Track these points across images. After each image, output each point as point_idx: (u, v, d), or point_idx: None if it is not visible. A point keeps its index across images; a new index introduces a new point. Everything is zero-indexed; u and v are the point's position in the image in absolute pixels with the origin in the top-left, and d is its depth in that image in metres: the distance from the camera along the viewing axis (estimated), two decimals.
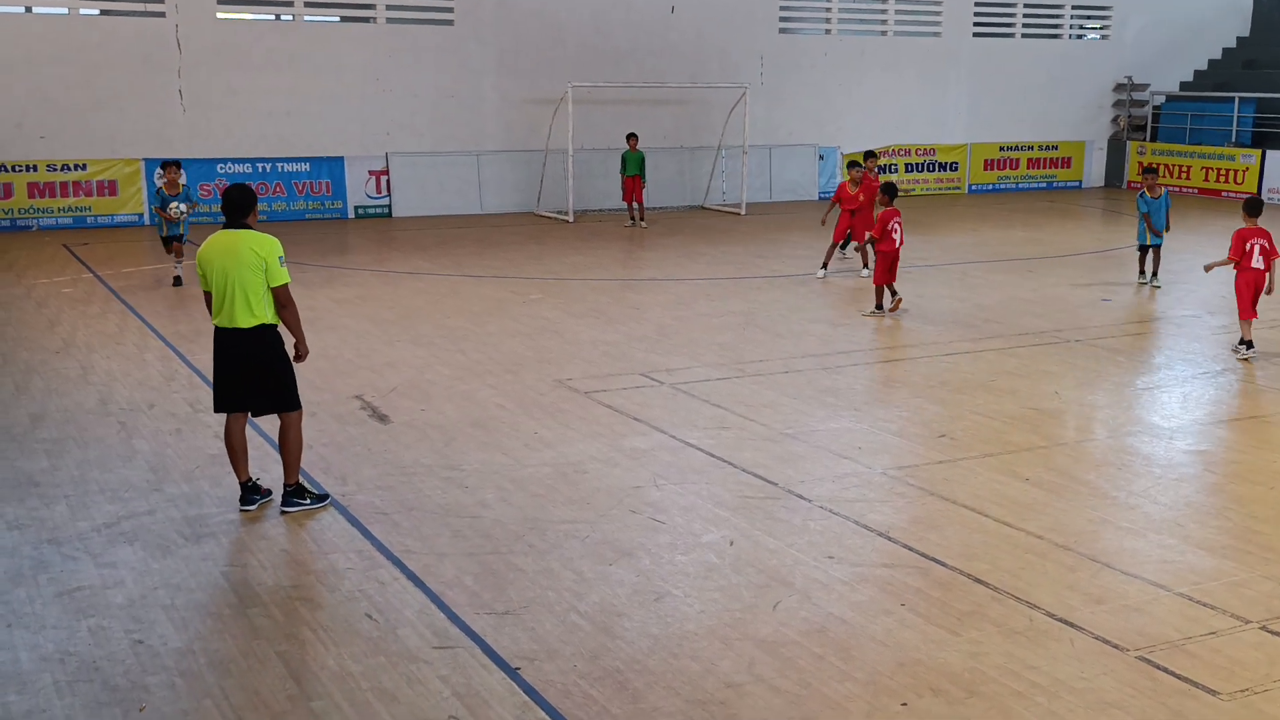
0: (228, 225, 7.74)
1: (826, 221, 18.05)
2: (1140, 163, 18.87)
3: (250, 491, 7.96)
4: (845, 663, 5.95)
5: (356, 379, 11.23)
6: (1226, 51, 31.81)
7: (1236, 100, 28.73)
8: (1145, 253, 16.91)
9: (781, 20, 26.89)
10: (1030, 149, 29.90)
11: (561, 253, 19.24)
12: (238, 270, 7.56)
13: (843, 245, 17.93)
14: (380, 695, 5.62)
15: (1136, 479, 8.75)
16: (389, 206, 23.74)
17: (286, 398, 7.87)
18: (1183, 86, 31.24)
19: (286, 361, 7.89)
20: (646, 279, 16.93)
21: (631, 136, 22.77)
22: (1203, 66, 31.63)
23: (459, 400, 10.56)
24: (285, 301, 7.73)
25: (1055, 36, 30.30)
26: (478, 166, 24.34)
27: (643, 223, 22.81)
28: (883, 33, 28.22)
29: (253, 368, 7.74)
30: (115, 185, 21.68)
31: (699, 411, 10.26)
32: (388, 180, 23.69)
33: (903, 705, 5.56)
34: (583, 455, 9.06)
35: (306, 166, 23.04)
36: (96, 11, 21.92)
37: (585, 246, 19.98)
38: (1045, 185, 30.25)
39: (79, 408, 10.30)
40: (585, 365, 11.84)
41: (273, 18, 23.28)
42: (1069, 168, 30.55)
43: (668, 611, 6.49)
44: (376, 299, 15.17)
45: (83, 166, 21.45)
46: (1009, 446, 9.41)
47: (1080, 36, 31.18)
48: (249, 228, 7.72)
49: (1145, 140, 30.46)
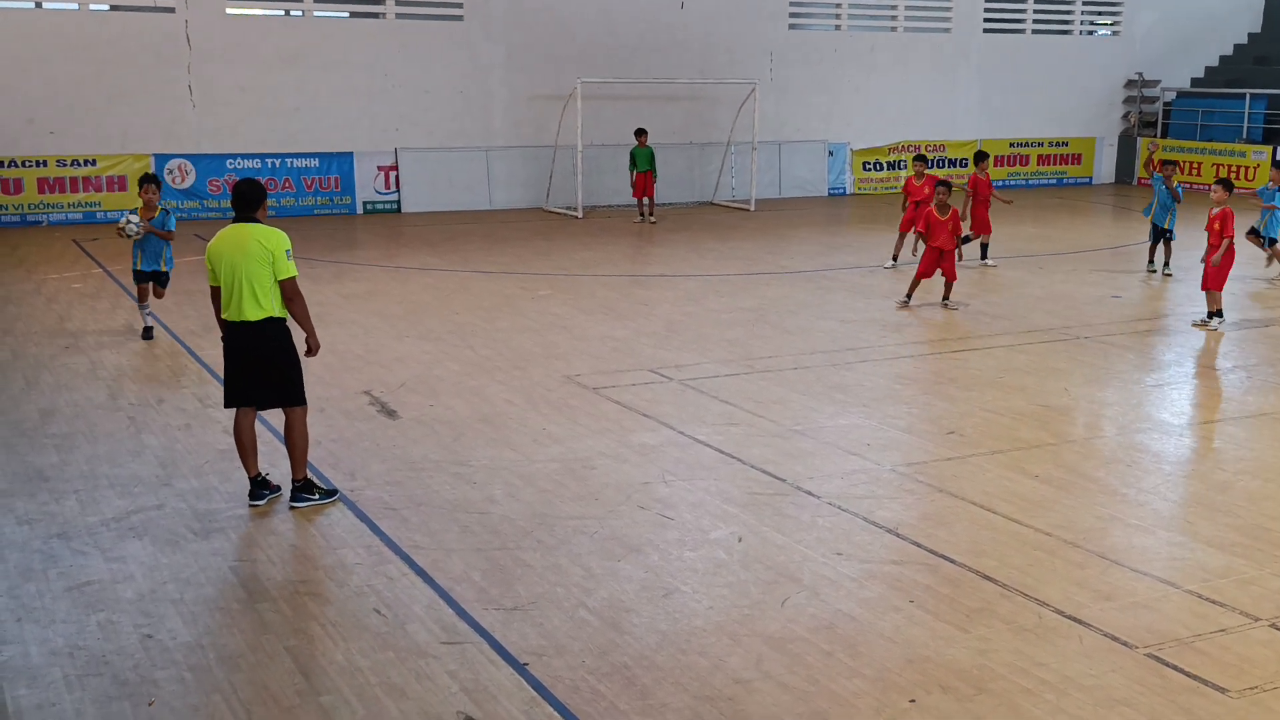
0: (236, 219, 7.76)
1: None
2: (1154, 159, 19.13)
3: (259, 486, 7.98)
4: (853, 659, 5.94)
5: (365, 374, 11.24)
6: (1238, 48, 31.69)
7: (1248, 97, 28.62)
8: (1157, 241, 17.22)
9: (791, 16, 26.85)
10: (1040, 145, 29.84)
11: (570, 248, 19.24)
12: (245, 264, 7.59)
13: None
14: (389, 690, 5.62)
15: (1146, 476, 8.73)
16: (398, 202, 23.76)
17: (291, 392, 7.89)
18: (1194, 83, 31.13)
19: (293, 356, 7.89)
20: (655, 275, 16.92)
21: (640, 132, 22.75)
22: (1214, 63, 31.53)
23: (467, 396, 10.57)
24: (292, 294, 7.74)
25: (1066, 33, 30.22)
26: (487, 162, 24.35)
27: (651, 218, 22.80)
28: (893, 28, 28.16)
29: (259, 361, 7.77)
30: (125, 181, 21.73)
31: (708, 407, 10.25)
32: (396, 176, 23.71)
33: (911, 702, 5.56)
34: (591, 451, 9.06)
35: (315, 162, 23.07)
36: (107, 7, 21.97)
37: (594, 242, 19.98)
38: (1055, 181, 30.17)
39: (88, 403, 10.32)
40: (594, 361, 11.84)
41: (282, 13, 23.32)
42: (1079, 164, 30.48)
43: (676, 607, 6.49)
44: (385, 294, 15.18)
45: (93, 162, 21.51)
46: (1018, 443, 9.39)
47: (1091, 33, 31.09)
48: (258, 221, 7.75)
49: (1156, 136, 30.37)
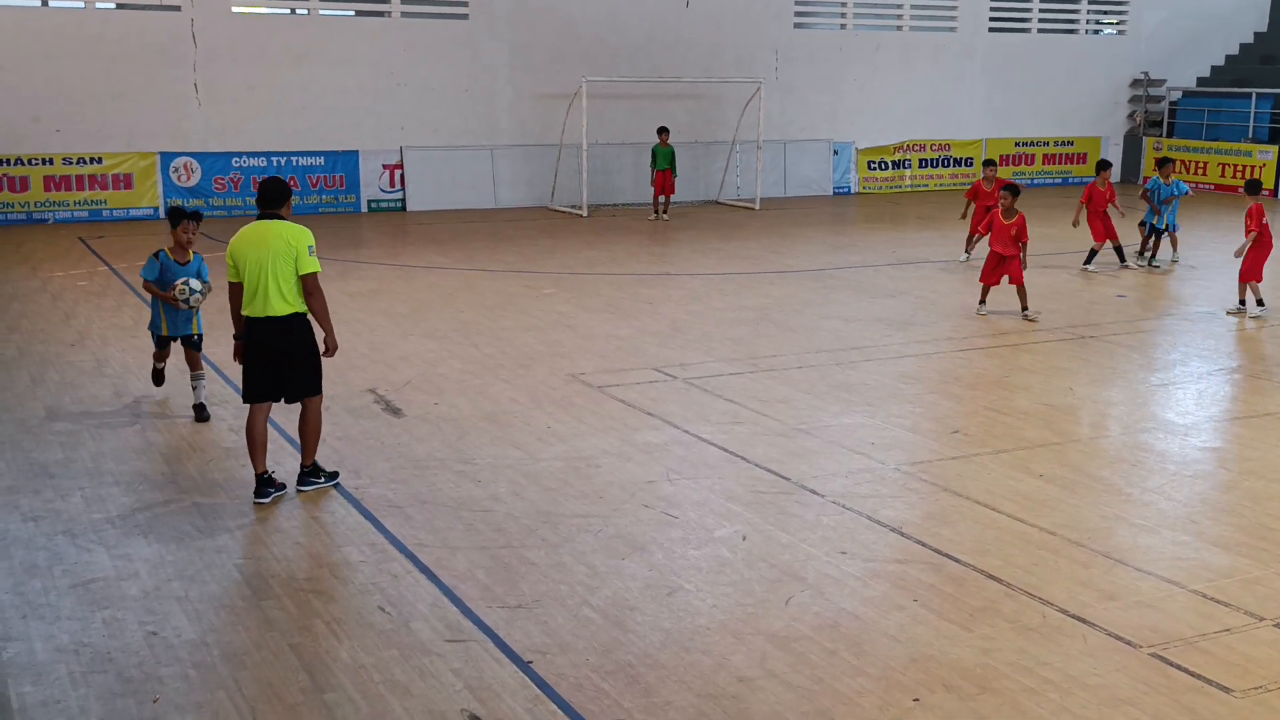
0: (260, 216, 7.89)
1: (967, 215, 18.34)
2: (1155, 158, 19.46)
3: (265, 484, 8.00)
4: (857, 658, 5.94)
5: (370, 373, 11.25)
6: (1244, 47, 31.63)
7: (1254, 96, 28.58)
8: (1153, 234, 17.89)
9: (796, 15, 26.83)
10: (1046, 144, 29.79)
11: (575, 247, 19.25)
12: (271, 260, 7.73)
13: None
14: (393, 688, 5.63)
15: (1150, 475, 8.72)
16: (403, 200, 23.77)
17: (314, 382, 8.06)
18: (1199, 82, 31.08)
19: (314, 349, 8.04)
20: (660, 274, 16.92)
21: (662, 131, 22.71)
22: (1220, 62, 31.47)
23: (472, 394, 10.58)
24: (312, 289, 7.88)
25: (1071, 32, 30.18)
26: (492, 161, 24.36)
27: (665, 216, 22.81)
28: (898, 27, 28.14)
29: (283, 356, 7.89)
30: (131, 179, 21.76)
31: (712, 406, 10.25)
32: (401, 174, 23.72)
33: (915, 701, 5.56)
34: (595, 450, 9.07)
35: (321, 160, 23.09)
36: (113, 5, 21.99)
37: (599, 241, 19.98)
38: (1060, 181, 30.13)
39: (94, 400, 10.34)
40: (598, 360, 11.85)
41: (288, 12, 23.34)
42: (1084, 163, 30.42)
43: (680, 606, 6.50)
44: (390, 293, 15.20)
45: (99, 160, 21.53)
46: (1022, 443, 9.39)
47: (1096, 32, 31.05)
48: (281, 218, 7.89)
49: (1161, 136, 30.32)
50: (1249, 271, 14.25)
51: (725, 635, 6.16)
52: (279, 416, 8.94)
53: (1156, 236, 18.02)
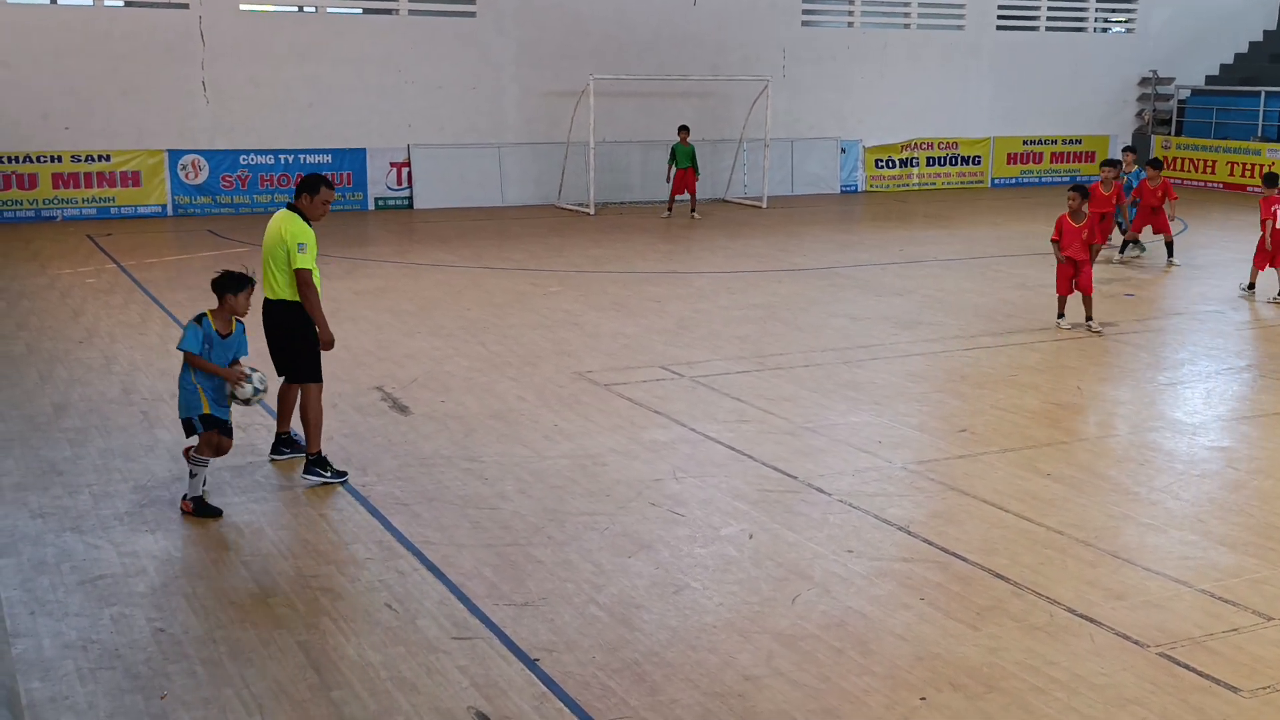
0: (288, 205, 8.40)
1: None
2: (1125, 153, 20.11)
3: (282, 443, 8.49)
4: (864, 657, 5.94)
5: (377, 370, 11.26)
6: (1253, 45, 31.55)
7: (1263, 94, 28.50)
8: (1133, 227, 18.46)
9: (804, 13, 26.81)
10: (1054, 143, 29.74)
11: (582, 245, 19.25)
12: (271, 246, 8.23)
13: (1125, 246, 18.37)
14: (400, 685, 5.64)
15: (1158, 475, 8.71)
16: (410, 198, 23.79)
17: (300, 370, 8.35)
18: (1208, 80, 31.00)
19: (301, 339, 8.28)
20: (667, 272, 16.92)
21: (683, 129, 22.66)
22: (1229, 60, 31.39)
23: (479, 392, 10.58)
24: (301, 284, 8.19)
25: (1080, 30, 30.11)
26: (499, 158, 24.36)
27: (695, 214, 22.67)
28: (906, 25, 28.10)
29: (279, 337, 8.38)
30: (139, 176, 21.79)
31: (719, 404, 10.25)
32: (409, 172, 23.74)
33: (921, 700, 5.55)
34: (602, 448, 9.07)
35: (328, 158, 23.10)
36: (121, 3, 22.02)
37: (606, 239, 19.98)
38: (1069, 179, 30.00)
39: (102, 397, 10.36)
40: (605, 358, 11.85)
41: (295, 9, 23.34)
42: (1093, 162, 30.36)
43: (686, 604, 6.50)
44: (397, 290, 15.21)
45: (107, 158, 21.57)
46: (1030, 441, 9.37)
47: (1105, 30, 30.98)
48: (297, 209, 8.26)
49: (1170, 134, 30.26)
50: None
51: (732, 633, 6.17)
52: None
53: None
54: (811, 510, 7.87)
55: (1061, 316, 13.42)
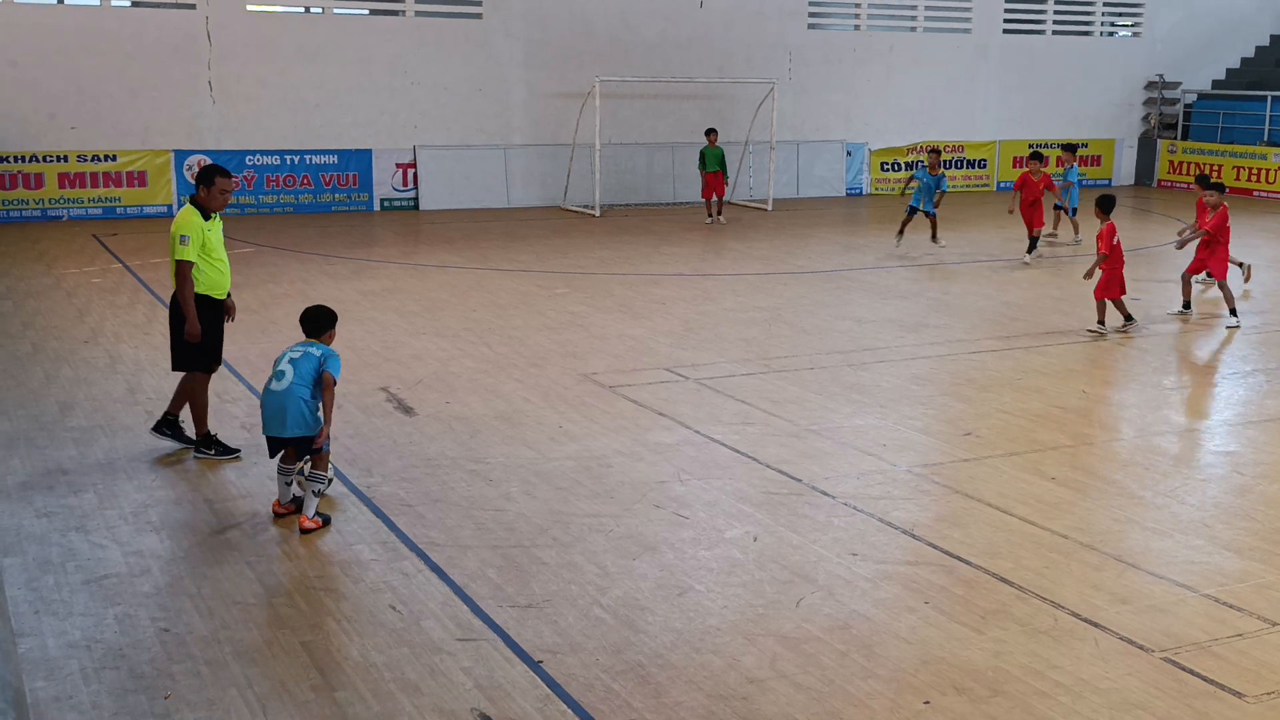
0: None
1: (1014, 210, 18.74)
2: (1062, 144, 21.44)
3: (206, 442, 8.81)
4: (868, 660, 5.93)
5: (382, 371, 11.27)
6: (1260, 49, 31.51)
7: (1269, 99, 28.46)
8: (912, 215, 19.22)
9: (810, 15, 26.81)
10: (1060, 146, 29.69)
11: (588, 247, 19.25)
12: (169, 241, 8.66)
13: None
14: (403, 686, 5.64)
15: (1163, 479, 8.69)
16: (415, 199, 23.81)
17: (184, 359, 8.75)
18: (1215, 85, 30.97)
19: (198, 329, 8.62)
20: (673, 274, 16.92)
21: (711, 132, 22.61)
22: (1235, 65, 31.36)
23: (484, 393, 10.59)
24: (179, 274, 8.50)
25: (1086, 33, 30.10)
26: (505, 160, 24.38)
27: (720, 219, 22.61)
28: (912, 28, 28.10)
29: (172, 327, 8.76)
30: (145, 176, 21.83)
31: (724, 407, 10.25)
32: (414, 173, 23.76)
33: (925, 703, 5.55)
34: (607, 449, 9.07)
35: (334, 159, 23.14)
36: (128, 3, 22.07)
37: (611, 241, 19.99)
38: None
39: (107, 397, 10.37)
40: (610, 359, 11.85)
41: (302, 10, 23.39)
42: (1099, 166, 30.35)
43: (691, 606, 6.49)
44: (402, 291, 15.22)
45: (113, 158, 21.61)
46: (1035, 445, 9.36)
47: (1112, 34, 30.96)
48: (195, 205, 8.61)
49: (1176, 139, 30.23)
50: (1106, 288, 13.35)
51: (736, 636, 6.16)
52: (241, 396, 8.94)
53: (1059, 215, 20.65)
54: (816, 513, 7.87)
55: (1101, 322, 13.31)
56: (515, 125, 24.44)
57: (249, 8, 22.42)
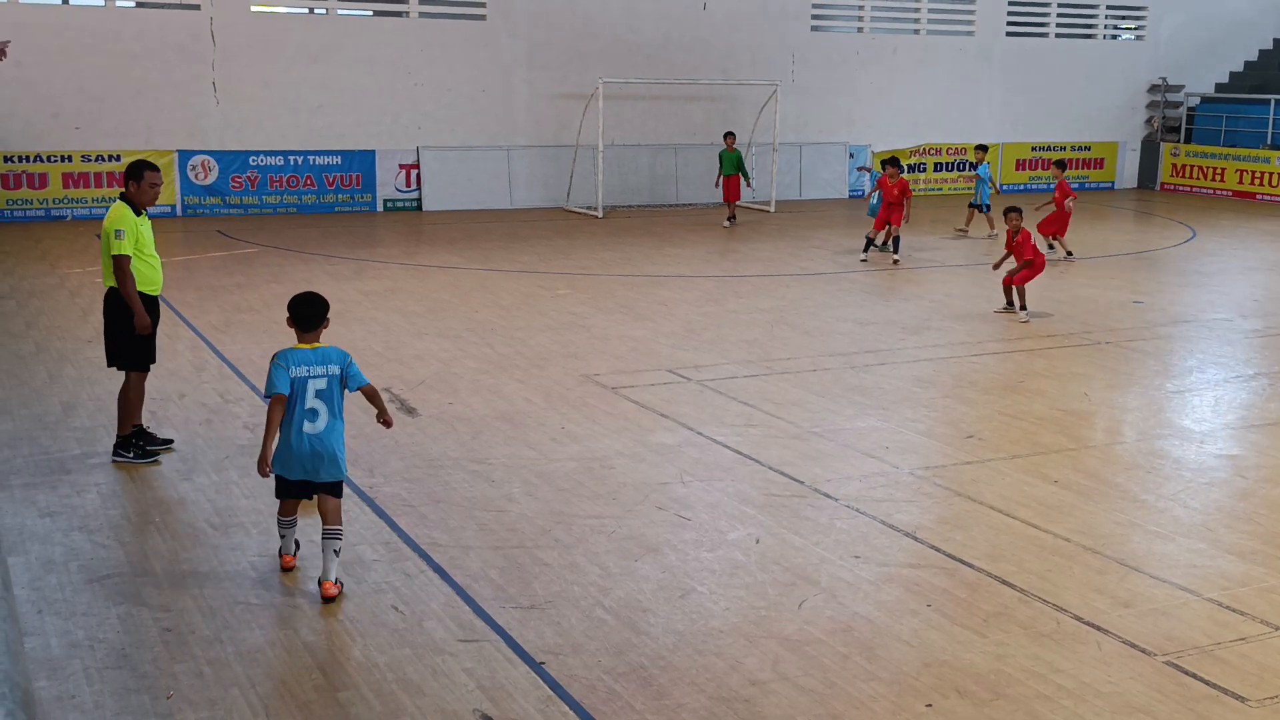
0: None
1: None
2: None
3: (139, 436, 8.79)
4: (870, 662, 5.93)
5: (385, 371, 11.27)
6: (1263, 53, 31.50)
7: (1272, 103, 28.46)
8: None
9: (814, 17, 26.82)
10: (1063, 149, 29.71)
11: (590, 248, 19.26)
12: (102, 237, 8.65)
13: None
14: (405, 687, 5.64)
15: (1166, 482, 8.69)
16: (418, 200, 23.82)
17: (120, 357, 8.72)
18: (1218, 88, 30.96)
19: (124, 326, 8.61)
20: (675, 275, 16.92)
21: (729, 135, 22.62)
22: (1238, 68, 31.35)
23: (486, 394, 10.59)
24: (117, 269, 8.49)
25: (1089, 37, 30.10)
26: (508, 161, 24.39)
27: (732, 221, 22.53)
28: (915, 31, 28.10)
29: (105, 324, 8.77)
30: None
31: (726, 408, 10.25)
32: (417, 174, 23.77)
33: (927, 706, 5.54)
34: (609, 450, 9.07)
35: (337, 159, 23.15)
36: (133, 3, 22.10)
37: (614, 242, 19.99)
38: (1078, 186, 29.96)
39: (110, 396, 10.35)
40: (613, 360, 11.85)
41: (306, 11, 23.41)
42: (1102, 169, 30.36)
43: (693, 608, 6.49)
44: (405, 292, 15.23)
45: (117, 158, 21.61)
46: (1037, 448, 9.36)
47: (1115, 37, 30.95)
48: (127, 200, 8.66)
49: (1179, 142, 30.22)
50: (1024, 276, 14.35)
51: (738, 638, 6.16)
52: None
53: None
54: (818, 515, 7.87)
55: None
56: (518, 126, 24.45)
57: (253, 8, 22.43)
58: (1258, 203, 27.45)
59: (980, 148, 22.27)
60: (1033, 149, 29.38)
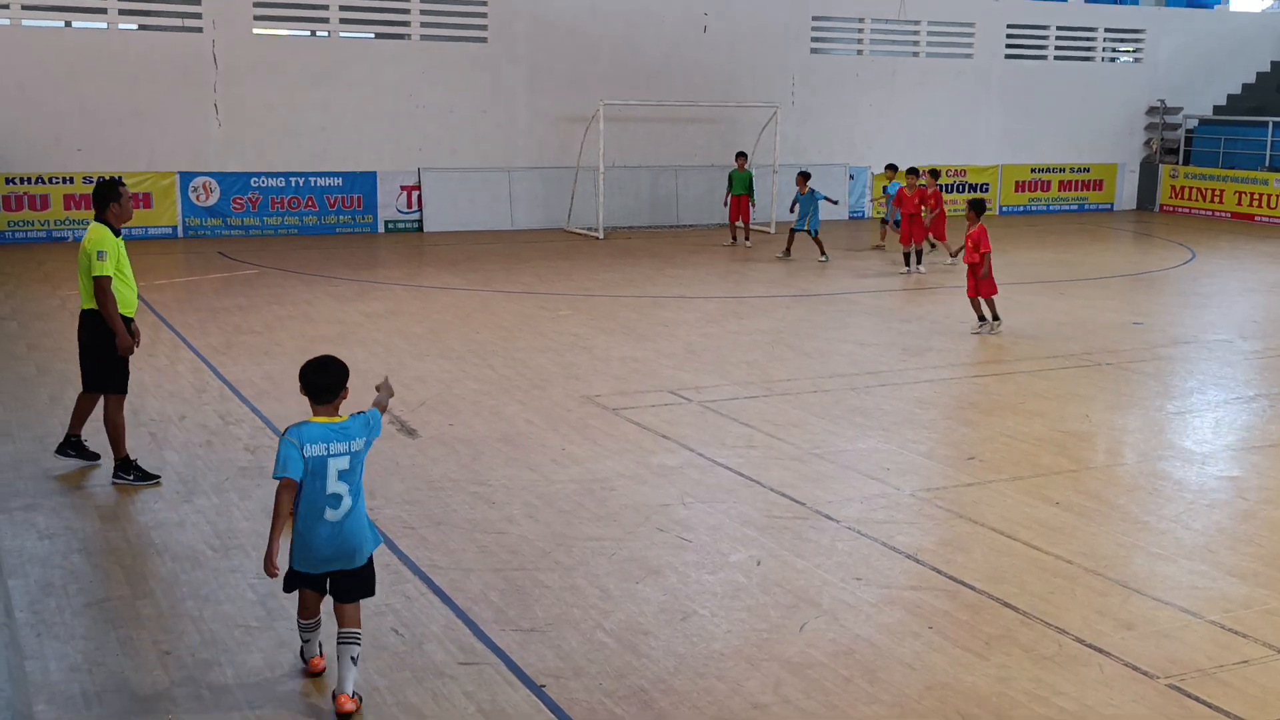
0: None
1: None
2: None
3: (69, 445, 9.03)
4: (872, 685, 5.92)
5: None
6: (1261, 75, 31.61)
7: (1270, 124, 28.53)
8: (795, 235, 20.79)
9: (813, 40, 26.92)
10: (1062, 171, 29.79)
11: (591, 269, 19.29)
12: (80, 258, 8.57)
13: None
14: (406, 710, 5.62)
15: (1168, 504, 8.68)
16: (420, 221, 23.86)
17: (100, 380, 8.74)
18: (1216, 110, 31.06)
19: (104, 348, 8.58)
20: (676, 296, 16.94)
21: (740, 155, 22.68)
22: (1236, 90, 31.45)
23: (487, 415, 10.59)
24: (98, 290, 8.46)
25: (1088, 59, 30.20)
26: (509, 182, 24.45)
27: (747, 243, 22.58)
28: (915, 53, 28.20)
29: (82, 348, 8.76)
30: (150, 198, 21.88)
31: (727, 430, 10.24)
32: (419, 195, 23.82)
33: None
34: (610, 472, 9.06)
35: (339, 181, 23.21)
36: (135, 26, 22.19)
37: (615, 263, 20.02)
38: (1076, 208, 30.11)
39: None
40: (614, 382, 11.85)
41: (308, 34, 23.50)
42: (1100, 190, 30.42)
43: (694, 631, 6.48)
44: (406, 313, 15.24)
45: (119, 180, 21.64)
46: (1038, 469, 9.35)
47: (1113, 59, 31.07)
48: (103, 222, 8.62)
49: (1178, 164, 30.29)
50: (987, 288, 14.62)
51: (739, 661, 6.14)
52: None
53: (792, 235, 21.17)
54: (820, 537, 7.86)
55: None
56: (519, 148, 24.52)
57: (255, 31, 22.53)
58: (1257, 224, 27.50)
59: (890, 167, 22.61)
60: (1031, 170, 29.45)
